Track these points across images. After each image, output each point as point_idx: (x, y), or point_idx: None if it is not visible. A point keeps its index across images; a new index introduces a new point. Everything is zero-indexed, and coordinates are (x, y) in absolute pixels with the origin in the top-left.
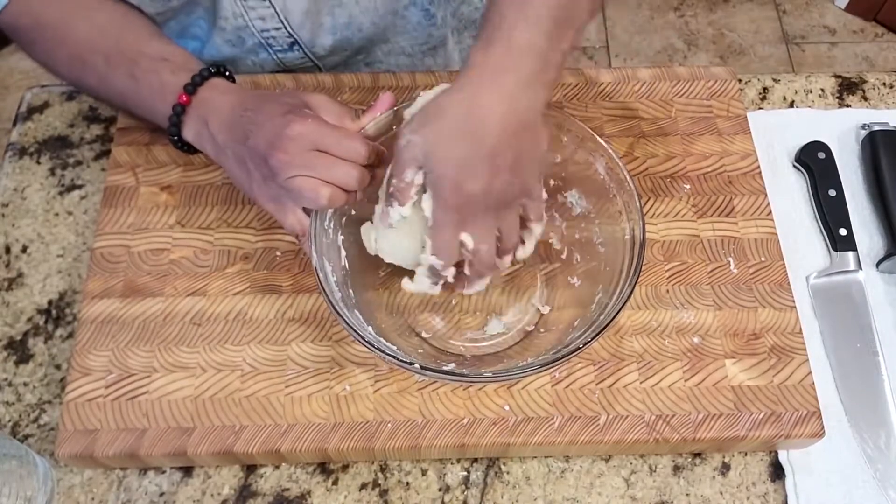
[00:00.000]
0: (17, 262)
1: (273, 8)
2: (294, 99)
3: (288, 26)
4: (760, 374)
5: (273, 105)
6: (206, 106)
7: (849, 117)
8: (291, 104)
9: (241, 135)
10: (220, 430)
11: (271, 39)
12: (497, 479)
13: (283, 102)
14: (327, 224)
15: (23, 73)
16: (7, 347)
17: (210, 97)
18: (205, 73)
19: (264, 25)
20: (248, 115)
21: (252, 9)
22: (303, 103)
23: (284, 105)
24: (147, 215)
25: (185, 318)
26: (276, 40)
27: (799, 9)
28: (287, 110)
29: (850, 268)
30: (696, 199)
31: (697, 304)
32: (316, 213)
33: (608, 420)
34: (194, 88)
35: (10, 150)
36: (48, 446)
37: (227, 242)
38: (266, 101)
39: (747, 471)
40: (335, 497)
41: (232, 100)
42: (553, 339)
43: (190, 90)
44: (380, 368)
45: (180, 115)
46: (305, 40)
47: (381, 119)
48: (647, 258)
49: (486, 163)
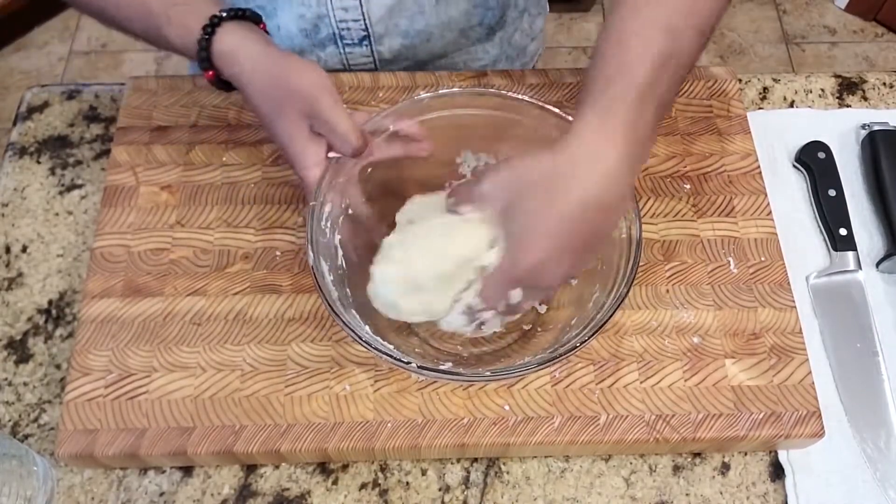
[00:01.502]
0: (17, 261)
1: (360, 3)
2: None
3: (367, 19)
4: (760, 374)
5: (274, 130)
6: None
7: (849, 117)
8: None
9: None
10: (220, 429)
11: (345, 31)
12: (497, 478)
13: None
14: (324, 224)
15: (23, 73)
16: (7, 347)
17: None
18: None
19: (344, 16)
20: (259, 115)
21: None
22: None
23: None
24: (147, 215)
25: (185, 318)
26: (350, 32)
27: (799, 9)
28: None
29: (850, 268)
30: (696, 199)
31: (697, 304)
32: (312, 212)
33: (608, 420)
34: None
35: (10, 149)
36: (48, 446)
37: (227, 242)
38: (271, 116)
39: (747, 471)
40: (335, 497)
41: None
42: (551, 339)
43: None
44: (380, 368)
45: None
46: (377, 37)
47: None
48: (647, 258)
49: (568, 240)
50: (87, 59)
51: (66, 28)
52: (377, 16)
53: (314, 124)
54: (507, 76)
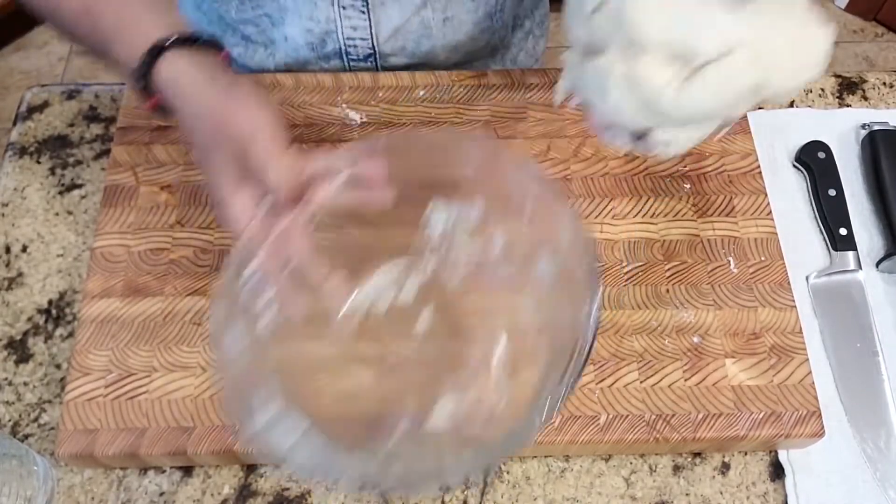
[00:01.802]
0: (17, 261)
1: (369, 20)
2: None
3: (374, 38)
4: (760, 374)
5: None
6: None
7: (849, 117)
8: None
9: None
10: (220, 429)
11: (351, 48)
12: (497, 478)
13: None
14: (249, 279)
15: (23, 73)
16: (7, 347)
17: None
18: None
19: (352, 34)
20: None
21: (348, 17)
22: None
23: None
24: (147, 215)
25: (185, 318)
26: (357, 49)
27: None
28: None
29: (849, 267)
30: (696, 199)
31: (697, 304)
32: (232, 266)
33: (608, 419)
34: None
35: (10, 149)
36: (48, 446)
37: (227, 242)
38: (202, 152)
39: (747, 470)
40: (335, 496)
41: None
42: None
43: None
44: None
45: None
46: (382, 55)
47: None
48: (647, 258)
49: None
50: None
51: None
52: (384, 35)
53: (246, 168)
54: (507, 76)
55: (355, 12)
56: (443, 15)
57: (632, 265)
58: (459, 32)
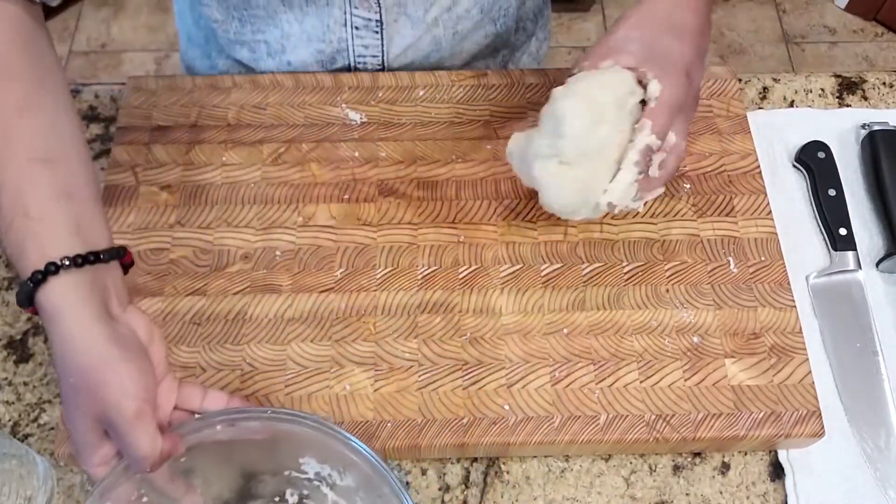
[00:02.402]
0: None
1: (381, 40)
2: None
3: (385, 56)
4: (760, 374)
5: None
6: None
7: (849, 117)
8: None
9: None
10: None
11: (361, 64)
12: (497, 478)
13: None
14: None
15: None
16: (7, 347)
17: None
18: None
19: (364, 52)
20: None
21: (360, 37)
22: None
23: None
24: (147, 215)
25: (184, 318)
26: (366, 65)
27: (799, 8)
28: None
29: (849, 267)
30: (696, 199)
31: (697, 304)
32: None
33: (608, 419)
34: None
35: None
36: (48, 446)
37: (226, 242)
38: (67, 400)
39: (747, 470)
40: None
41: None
42: None
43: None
44: (379, 368)
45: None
46: (391, 70)
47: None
48: (647, 257)
49: (695, 58)
50: (86, 59)
51: (66, 28)
52: (395, 53)
53: (109, 431)
54: (507, 76)
55: (368, 32)
56: (453, 30)
57: (632, 265)
58: (468, 42)
